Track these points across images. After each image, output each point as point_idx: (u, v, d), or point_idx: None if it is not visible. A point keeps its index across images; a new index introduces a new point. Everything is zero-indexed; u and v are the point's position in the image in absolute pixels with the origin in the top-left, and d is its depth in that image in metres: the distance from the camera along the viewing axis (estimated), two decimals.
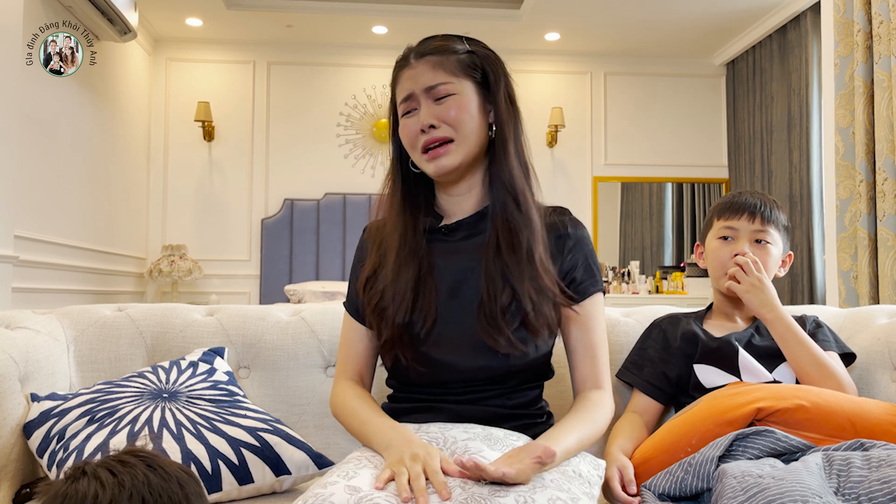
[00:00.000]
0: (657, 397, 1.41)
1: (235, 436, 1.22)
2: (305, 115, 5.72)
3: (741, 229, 1.43)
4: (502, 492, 0.90)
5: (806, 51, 4.87)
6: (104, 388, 1.31)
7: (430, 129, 1.17)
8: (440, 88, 1.17)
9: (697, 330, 1.42)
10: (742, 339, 1.38)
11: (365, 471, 0.96)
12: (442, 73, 1.18)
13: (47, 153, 3.86)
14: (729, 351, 1.34)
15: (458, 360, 1.15)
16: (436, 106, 1.17)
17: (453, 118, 1.16)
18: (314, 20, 5.29)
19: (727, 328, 1.44)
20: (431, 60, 1.19)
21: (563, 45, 5.71)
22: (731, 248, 1.42)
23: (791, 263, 1.49)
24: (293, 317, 1.61)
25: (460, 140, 1.17)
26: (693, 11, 5.04)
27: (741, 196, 1.46)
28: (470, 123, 1.17)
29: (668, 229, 6.07)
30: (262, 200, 5.63)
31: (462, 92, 1.18)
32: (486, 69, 1.21)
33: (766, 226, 1.42)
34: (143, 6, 4.89)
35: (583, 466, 1.06)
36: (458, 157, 1.17)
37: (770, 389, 1.17)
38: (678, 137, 6.00)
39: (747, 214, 1.42)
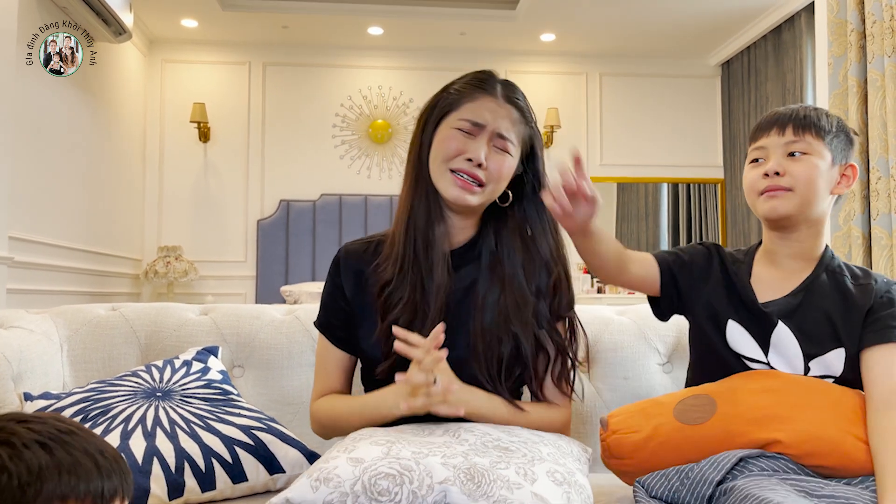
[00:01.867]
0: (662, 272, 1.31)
1: (229, 434, 1.22)
2: (301, 116, 5.72)
3: (770, 146, 1.22)
4: (502, 463, 0.95)
5: (800, 51, 4.88)
6: (98, 386, 1.31)
7: (477, 167, 1.20)
8: (505, 144, 1.22)
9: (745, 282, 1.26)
10: (787, 308, 1.22)
11: (363, 443, 0.99)
12: (514, 132, 1.23)
13: (42, 154, 3.86)
14: (766, 325, 1.21)
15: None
16: (493, 152, 1.21)
17: (493, 174, 1.21)
18: (310, 21, 5.29)
19: (775, 286, 1.25)
20: (515, 115, 1.24)
21: (558, 45, 5.72)
22: (760, 168, 1.23)
23: (856, 178, 1.25)
24: (287, 316, 1.61)
25: (487, 191, 1.22)
26: (688, 12, 5.06)
27: (773, 112, 1.26)
28: (499, 184, 1.24)
29: (664, 229, 6.08)
30: (257, 201, 5.63)
31: (511, 157, 1.23)
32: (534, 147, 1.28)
33: (800, 135, 1.20)
34: (139, 7, 4.89)
35: (573, 447, 1.12)
36: (478, 201, 1.22)
37: (799, 424, 1.10)
38: (674, 138, 6.01)
39: (776, 129, 1.22)
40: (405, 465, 0.91)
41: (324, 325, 1.31)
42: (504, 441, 1.03)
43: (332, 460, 0.94)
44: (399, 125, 5.79)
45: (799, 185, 1.19)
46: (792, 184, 1.19)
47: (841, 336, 1.18)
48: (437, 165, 1.22)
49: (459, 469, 0.91)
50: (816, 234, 1.24)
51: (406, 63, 5.80)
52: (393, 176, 5.75)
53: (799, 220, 1.22)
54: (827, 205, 1.23)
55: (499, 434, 1.06)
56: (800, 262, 1.25)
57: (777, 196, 1.20)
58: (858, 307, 1.18)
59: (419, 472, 0.90)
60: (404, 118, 5.79)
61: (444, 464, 0.92)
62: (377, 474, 0.89)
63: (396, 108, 5.80)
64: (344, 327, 1.28)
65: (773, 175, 1.19)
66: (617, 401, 1.54)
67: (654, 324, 1.61)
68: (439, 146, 1.22)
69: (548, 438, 1.10)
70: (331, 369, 1.30)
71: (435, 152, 1.23)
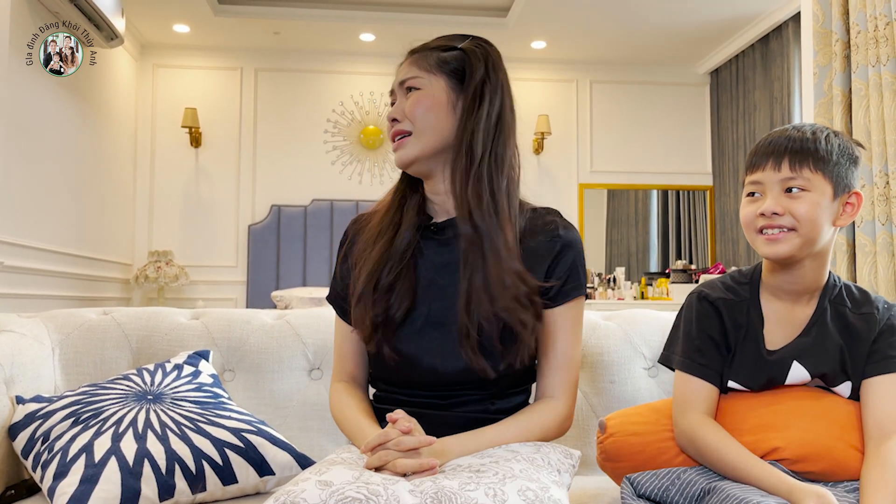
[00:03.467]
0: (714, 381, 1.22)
1: (220, 437, 1.24)
2: (293, 122, 5.73)
3: (766, 182, 1.15)
4: (472, 485, 0.91)
5: (788, 60, 4.94)
6: (89, 390, 1.32)
7: (393, 122, 1.20)
8: (408, 82, 1.19)
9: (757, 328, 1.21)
10: (801, 347, 1.19)
11: (337, 468, 0.97)
12: (416, 68, 1.19)
13: (32, 158, 3.85)
14: (783, 369, 1.19)
15: (440, 364, 1.15)
16: (405, 100, 1.19)
17: (409, 111, 1.17)
18: (302, 27, 5.31)
19: (785, 322, 1.21)
20: (414, 56, 1.22)
21: (549, 53, 5.76)
22: (756, 205, 1.17)
23: (861, 205, 1.17)
24: (278, 320, 1.62)
25: (417, 134, 1.17)
26: (677, 21, 5.11)
27: (769, 139, 1.18)
28: (427, 117, 1.16)
29: (654, 236, 6.12)
30: (249, 206, 5.63)
31: (428, 87, 1.18)
32: (467, 66, 1.19)
33: (797, 169, 1.13)
34: (130, 12, 4.90)
35: (553, 455, 1.07)
36: (414, 151, 1.17)
37: (794, 432, 1.12)
38: (663, 145, 6.06)
39: (772, 163, 1.15)
40: (373, 489, 0.89)
41: (331, 297, 1.30)
42: (475, 464, 1.01)
43: (301, 482, 0.92)
44: None
45: (800, 225, 1.12)
46: (792, 223, 1.13)
47: (848, 369, 1.18)
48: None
49: (427, 494, 0.89)
50: (820, 265, 1.19)
51: None
52: (384, 181, 5.77)
53: (802, 257, 1.16)
54: (830, 236, 1.17)
55: (470, 459, 1.05)
56: (805, 295, 1.21)
57: (778, 240, 1.14)
58: (863, 340, 1.17)
59: (386, 497, 0.88)
60: None
61: (411, 490, 0.90)
62: (344, 499, 0.87)
63: (388, 114, 5.82)
64: (345, 297, 1.26)
65: (771, 215, 1.14)
66: (603, 404, 1.57)
67: (640, 329, 1.64)
68: None
69: (523, 452, 1.06)
70: (342, 346, 1.28)
71: None
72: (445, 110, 1.18)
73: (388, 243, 1.19)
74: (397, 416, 1.03)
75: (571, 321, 1.20)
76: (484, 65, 1.20)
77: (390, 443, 0.99)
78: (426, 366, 1.16)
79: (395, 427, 1.01)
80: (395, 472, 0.97)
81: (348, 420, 1.19)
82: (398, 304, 1.16)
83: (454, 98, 1.18)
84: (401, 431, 1.00)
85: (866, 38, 2.76)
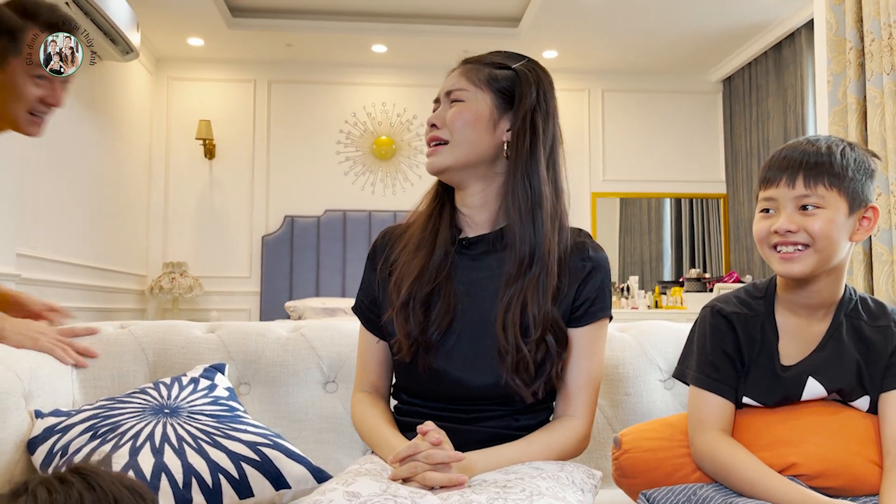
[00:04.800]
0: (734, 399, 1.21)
1: (236, 450, 1.24)
2: (306, 133, 5.77)
3: (780, 198, 1.14)
4: (499, 500, 0.91)
5: (801, 67, 4.92)
6: (107, 403, 1.33)
7: (432, 127, 1.21)
8: (455, 93, 1.20)
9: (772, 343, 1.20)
10: (816, 362, 1.17)
11: (363, 479, 0.97)
12: (465, 79, 1.20)
13: (49, 171, 3.90)
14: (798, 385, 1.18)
15: (468, 378, 1.16)
16: (447, 109, 1.20)
17: (449, 120, 1.18)
18: (314, 39, 5.35)
19: (800, 337, 1.20)
20: (466, 67, 1.23)
21: (560, 62, 5.77)
22: (770, 221, 1.15)
23: (878, 218, 1.16)
24: (293, 333, 1.63)
25: (453, 144, 1.18)
26: (689, 29, 5.10)
27: (783, 153, 1.16)
28: (466, 131, 1.17)
29: (667, 244, 6.10)
30: (262, 217, 5.66)
31: (473, 100, 1.19)
32: (517, 88, 1.20)
33: (812, 187, 1.11)
34: (145, 26, 4.95)
35: (577, 475, 1.08)
36: (447, 161, 1.18)
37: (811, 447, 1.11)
38: (676, 153, 6.04)
39: (786, 179, 1.13)
40: (401, 502, 0.89)
41: (357, 306, 1.30)
42: (500, 480, 1.01)
43: (329, 492, 0.93)
44: (402, 141, 5.83)
45: (815, 242, 1.11)
46: (807, 240, 1.11)
47: (865, 384, 1.17)
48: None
49: None
50: (836, 280, 1.17)
51: (409, 80, 5.86)
52: (397, 192, 5.78)
53: (818, 274, 1.15)
54: (846, 251, 1.15)
55: (496, 475, 1.05)
56: (821, 309, 1.19)
57: (794, 258, 1.12)
58: (880, 353, 1.16)
59: None
60: (408, 134, 5.83)
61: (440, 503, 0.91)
62: None
63: (400, 124, 5.85)
64: (373, 308, 1.27)
65: (785, 233, 1.12)
66: (619, 417, 1.56)
67: (655, 340, 1.63)
68: None
69: (547, 470, 1.06)
70: (366, 357, 1.29)
71: None
72: (485, 126, 1.19)
73: (426, 258, 1.20)
74: (427, 428, 1.03)
75: (597, 342, 1.21)
76: (535, 90, 1.20)
77: (420, 455, 1.00)
78: (454, 378, 1.16)
79: (424, 439, 1.01)
80: (423, 484, 0.97)
81: (373, 430, 1.19)
82: (437, 321, 1.17)
83: (496, 116, 1.20)
84: (431, 444, 1.01)
85: (881, 45, 2.75)
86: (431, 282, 1.18)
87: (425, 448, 1.00)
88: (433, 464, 0.99)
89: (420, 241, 1.22)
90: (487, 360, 1.15)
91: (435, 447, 1.00)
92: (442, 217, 1.24)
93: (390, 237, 1.30)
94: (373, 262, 1.30)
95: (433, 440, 1.01)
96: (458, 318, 1.18)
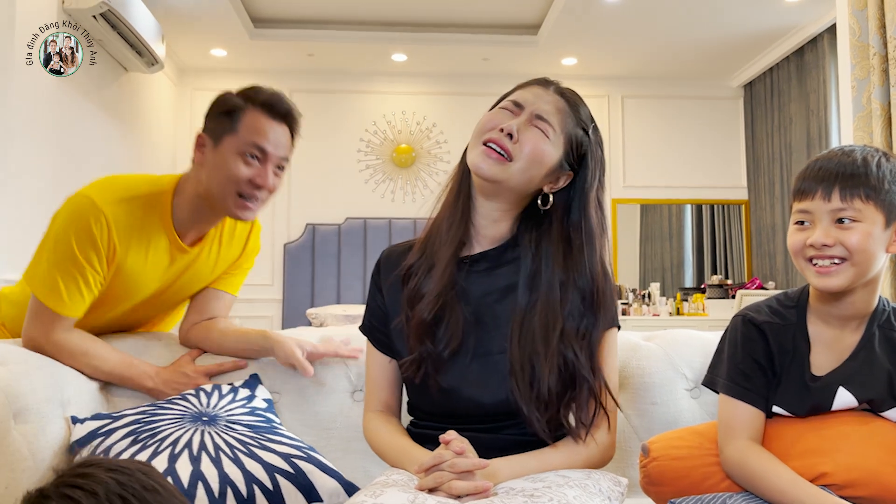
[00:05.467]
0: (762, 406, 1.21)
1: (271, 461, 1.26)
2: (327, 142, 5.82)
3: (815, 211, 1.13)
4: None
5: (824, 72, 4.88)
6: (148, 409, 1.36)
7: (505, 136, 1.16)
8: (544, 125, 1.18)
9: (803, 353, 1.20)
10: (848, 372, 1.17)
11: (391, 490, 0.98)
12: (557, 119, 1.19)
13: (77, 179, 3.94)
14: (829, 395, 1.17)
15: (480, 396, 1.17)
16: (525, 127, 1.17)
17: (525, 151, 1.16)
18: (335, 49, 5.40)
19: (832, 347, 1.20)
20: (561, 104, 1.20)
21: (580, 69, 5.78)
22: (805, 234, 1.15)
23: None
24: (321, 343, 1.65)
25: (516, 168, 1.16)
26: (709, 34, 5.09)
27: (817, 164, 1.15)
28: (533, 165, 1.17)
29: (689, 250, 6.07)
30: (284, 225, 5.72)
31: (550, 143, 1.18)
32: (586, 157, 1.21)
33: (848, 200, 1.10)
34: (170, 38, 5.03)
35: (603, 483, 1.08)
36: (504, 176, 1.16)
37: (841, 456, 1.10)
38: (696, 159, 6.02)
39: (821, 192, 1.12)
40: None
41: (366, 327, 1.32)
42: (528, 489, 1.01)
43: None
44: (422, 149, 5.86)
45: (851, 256, 1.10)
46: (844, 254, 1.11)
47: None
48: (473, 142, 1.20)
49: None
50: (871, 291, 1.17)
51: (429, 88, 5.89)
52: (416, 199, 5.81)
53: (854, 287, 1.15)
54: (882, 263, 1.15)
55: (523, 482, 1.06)
56: (854, 320, 1.19)
57: (831, 273, 1.12)
58: None
59: None
60: (427, 142, 5.86)
61: None
62: None
63: (420, 132, 5.88)
64: (383, 329, 1.27)
65: (821, 247, 1.12)
66: (645, 426, 1.56)
67: (681, 349, 1.63)
68: (480, 123, 1.20)
69: (574, 478, 1.06)
70: (376, 376, 1.29)
71: (475, 131, 1.21)
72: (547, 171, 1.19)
73: (433, 279, 1.20)
74: (450, 438, 1.04)
75: (606, 352, 1.22)
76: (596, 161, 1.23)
77: (444, 464, 1.01)
78: (466, 397, 1.17)
79: (448, 448, 1.03)
80: (449, 493, 0.98)
81: (391, 445, 1.20)
82: (446, 340, 1.17)
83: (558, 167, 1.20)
84: (454, 452, 1.02)
85: None
86: (438, 304, 1.18)
87: (449, 457, 1.01)
88: (458, 472, 1.00)
89: (422, 265, 1.22)
90: (499, 377, 1.16)
91: (458, 455, 1.02)
92: (444, 240, 1.23)
93: (393, 258, 1.30)
94: (377, 283, 1.31)
95: (456, 449, 1.02)
96: (468, 336, 1.18)
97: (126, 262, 1.41)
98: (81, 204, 1.37)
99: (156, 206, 1.44)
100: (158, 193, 1.45)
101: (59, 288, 1.36)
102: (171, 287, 1.54)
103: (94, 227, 1.34)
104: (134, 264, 1.42)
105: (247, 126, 1.42)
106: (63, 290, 1.36)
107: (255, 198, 1.43)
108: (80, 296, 1.38)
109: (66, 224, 1.36)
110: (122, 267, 1.41)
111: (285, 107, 1.46)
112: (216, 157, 1.42)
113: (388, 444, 1.21)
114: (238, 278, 1.67)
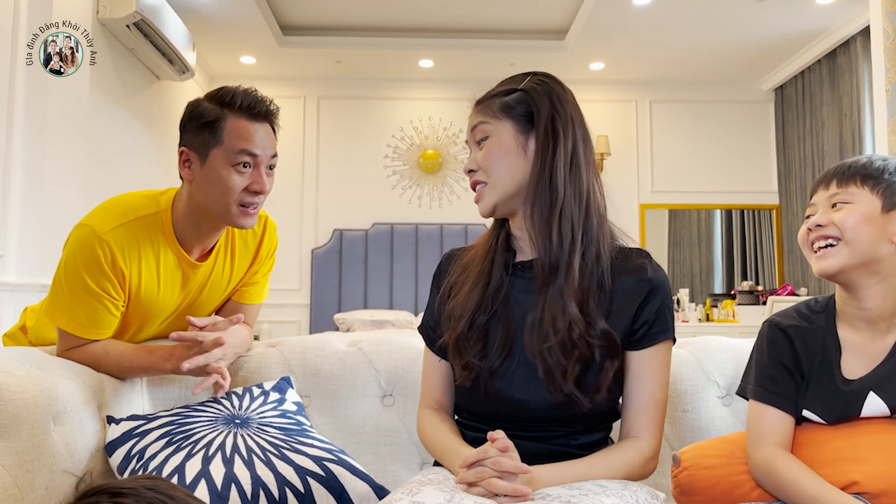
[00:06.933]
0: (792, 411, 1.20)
1: (302, 464, 1.27)
2: (354, 148, 5.86)
3: (818, 202, 1.20)
4: None
5: (857, 75, 4.80)
6: (182, 411, 1.38)
7: (470, 173, 1.23)
8: (478, 131, 1.21)
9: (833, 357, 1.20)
10: (877, 378, 1.15)
11: (427, 488, 1.00)
12: (482, 115, 1.22)
13: (109, 186, 4.04)
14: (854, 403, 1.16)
15: (529, 399, 1.17)
16: (478, 151, 1.22)
17: (481, 162, 1.19)
18: (362, 55, 5.44)
19: (863, 352, 1.18)
20: (479, 107, 1.24)
21: (607, 74, 5.75)
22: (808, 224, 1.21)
23: None
24: (351, 347, 1.66)
25: (492, 184, 1.19)
26: (739, 38, 5.04)
27: (830, 167, 1.23)
28: (498, 165, 1.18)
29: (718, 256, 6.00)
30: (311, 231, 5.76)
31: (496, 133, 1.19)
32: (532, 106, 1.19)
33: (843, 186, 1.16)
34: (200, 46, 5.11)
35: (641, 494, 1.07)
36: (491, 200, 1.20)
37: (874, 464, 1.08)
38: (726, 164, 5.95)
39: (823, 185, 1.20)
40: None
41: (423, 326, 1.34)
42: (565, 496, 1.01)
43: (395, 502, 0.95)
44: (449, 155, 5.88)
45: (843, 234, 1.13)
46: (836, 233, 1.14)
47: None
48: None
49: None
50: (888, 289, 1.15)
51: (456, 94, 5.91)
52: (443, 205, 5.83)
53: (860, 276, 1.15)
54: (891, 255, 1.14)
55: (559, 489, 1.06)
56: (881, 323, 1.17)
57: (826, 254, 1.15)
58: None
59: None
60: (454, 148, 5.87)
61: None
62: None
63: (446, 138, 5.90)
64: (437, 329, 1.29)
65: (816, 227, 1.17)
66: (677, 434, 1.55)
67: (713, 356, 1.62)
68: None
69: (611, 488, 1.06)
70: (431, 375, 1.31)
71: None
72: (516, 154, 1.19)
73: (483, 288, 1.21)
74: (497, 436, 1.05)
75: (658, 364, 1.19)
76: (549, 100, 1.19)
77: (488, 461, 1.01)
78: (517, 400, 1.18)
79: (493, 445, 1.03)
80: (488, 490, 0.99)
81: (441, 441, 1.21)
82: (497, 348, 1.18)
83: (524, 140, 1.19)
84: (499, 450, 1.02)
85: None
86: (488, 312, 1.19)
87: (494, 454, 1.02)
88: (500, 471, 1.00)
89: (480, 270, 1.24)
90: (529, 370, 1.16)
91: (502, 453, 1.02)
92: (498, 242, 1.26)
93: (455, 260, 1.32)
94: (437, 284, 1.33)
95: (501, 446, 1.03)
96: (517, 342, 1.19)
97: (140, 284, 1.42)
98: (83, 234, 1.37)
99: (157, 224, 1.44)
100: (157, 212, 1.45)
101: (81, 318, 1.38)
102: (193, 304, 1.55)
103: (100, 256, 1.35)
104: (148, 284, 1.43)
105: (231, 135, 1.39)
106: (85, 319, 1.39)
107: (255, 203, 1.43)
108: (104, 319, 1.41)
109: (73, 256, 1.37)
110: (137, 288, 1.42)
111: (264, 105, 1.43)
112: (207, 173, 1.41)
113: (437, 440, 1.22)
114: (259, 286, 1.68)
